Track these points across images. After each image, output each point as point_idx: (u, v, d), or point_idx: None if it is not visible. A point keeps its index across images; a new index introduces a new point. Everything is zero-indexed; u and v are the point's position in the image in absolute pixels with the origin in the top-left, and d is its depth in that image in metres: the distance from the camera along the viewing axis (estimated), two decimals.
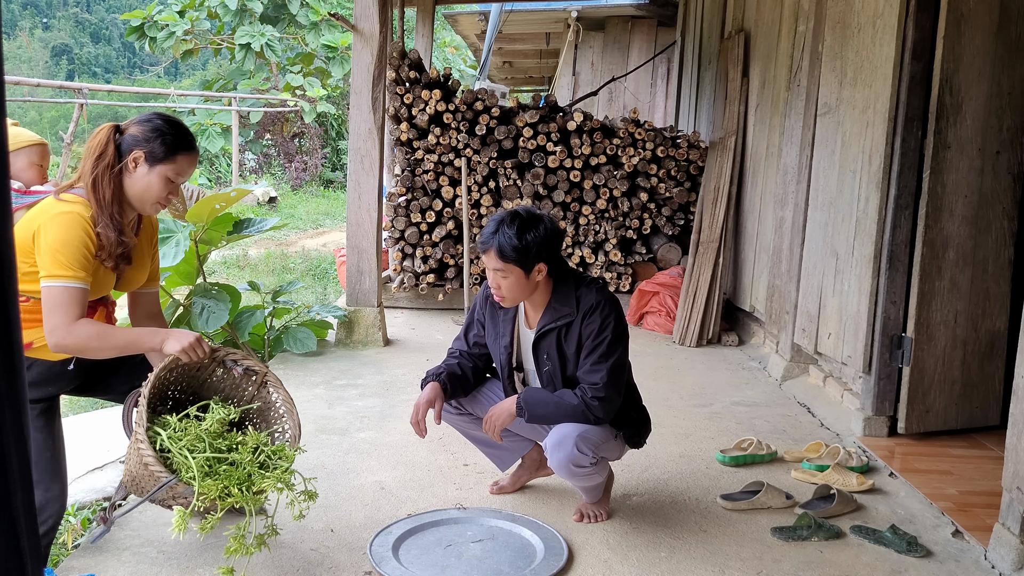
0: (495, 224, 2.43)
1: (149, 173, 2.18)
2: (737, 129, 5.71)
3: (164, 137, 2.17)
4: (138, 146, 2.16)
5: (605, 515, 2.70)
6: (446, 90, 5.98)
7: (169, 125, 2.21)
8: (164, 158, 2.17)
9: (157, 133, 2.17)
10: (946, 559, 2.53)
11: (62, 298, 2.05)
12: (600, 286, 2.54)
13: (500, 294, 2.47)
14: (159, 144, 2.17)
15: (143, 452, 2.03)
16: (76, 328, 2.05)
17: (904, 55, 3.39)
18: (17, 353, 0.60)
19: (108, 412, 3.73)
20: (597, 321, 2.44)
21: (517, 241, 2.37)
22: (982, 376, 3.53)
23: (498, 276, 2.43)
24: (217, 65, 21.25)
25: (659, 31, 9.44)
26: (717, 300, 5.52)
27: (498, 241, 2.39)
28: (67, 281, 2.05)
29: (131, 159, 2.16)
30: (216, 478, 2.04)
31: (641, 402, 2.69)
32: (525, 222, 2.41)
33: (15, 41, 34.55)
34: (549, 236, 2.43)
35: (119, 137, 2.19)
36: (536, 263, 2.42)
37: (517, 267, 2.40)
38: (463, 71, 20.18)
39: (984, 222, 3.41)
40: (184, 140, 2.22)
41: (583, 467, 2.45)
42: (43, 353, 2.16)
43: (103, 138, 2.18)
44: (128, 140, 2.18)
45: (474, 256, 6.06)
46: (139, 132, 2.18)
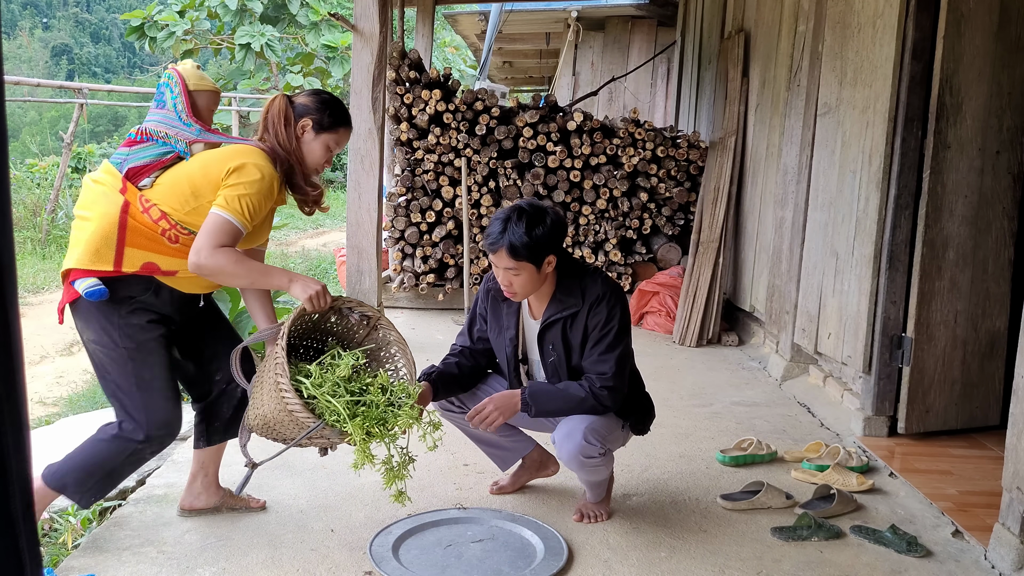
0: (501, 223, 2.38)
1: (314, 140, 2.39)
2: (737, 129, 5.71)
3: (332, 109, 2.40)
4: (308, 115, 2.38)
5: (605, 515, 2.70)
6: (446, 90, 5.98)
7: (334, 100, 2.44)
8: (329, 128, 2.40)
9: (325, 105, 2.40)
10: (946, 559, 2.53)
11: (221, 227, 2.21)
12: (604, 276, 2.54)
13: (512, 291, 2.45)
14: (327, 115, 2.39)
15: (288, 400, 2.14)
16: (218, 252, 2.20)
17: (904, 55, 3.39)
18: (16, 353, 0.60)
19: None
20: (604, 312, 2.44)
21: (527, 238, 2.34)
22: (982, 376, 3.53)
23: (509, 274, 2.40)
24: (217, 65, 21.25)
25: (659, 31, 9.44)
26: (717, 300, 5.52)
27: (508, 240, 2.35)
28: (234, 217, 2.22)
29: (299, 125, 2.38)
30: (356, 420, 2.16)
31: (644, 389, 2.70)
32: (532, 216, 2.38)
33: (15, 41, 34.56)
34: (556, 227, 2.41)
35: (292, 104, 2.39)
36: (546, 256, 2.40)
37: (529, 263, 2.37)
38: (463, 71, 20.18)
39: (984, 222, 3.41)
40: (346, 115, 2.46)
41: (592, 458, 2.46)
42: (180, 283, 2.33)
43: (283, 104, 2.38)
44: (299, 108, 2.39)
45: (474, 256, 6.06)
46: (309, 102, 2.40)
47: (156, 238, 2.27)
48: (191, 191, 2.27)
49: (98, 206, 2.28)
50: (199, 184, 2.27)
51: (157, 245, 2.27)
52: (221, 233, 2.21)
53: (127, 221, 2.25)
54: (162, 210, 2.26)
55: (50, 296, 7.32)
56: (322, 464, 3.10)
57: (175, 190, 2.28)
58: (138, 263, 2.25)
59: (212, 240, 2.20)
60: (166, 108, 2.37)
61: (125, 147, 2.36)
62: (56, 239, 9.69)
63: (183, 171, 2.31)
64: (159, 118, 2.36)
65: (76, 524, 2.62)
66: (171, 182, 2.30)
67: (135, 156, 2.33)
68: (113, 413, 2.36)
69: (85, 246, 2.24)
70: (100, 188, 2.30)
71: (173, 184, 2.29)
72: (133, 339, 2.28)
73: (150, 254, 2.27)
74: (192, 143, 2.34)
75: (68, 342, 5.77)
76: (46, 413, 4.11)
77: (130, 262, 2.25)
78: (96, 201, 2.29)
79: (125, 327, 2.27)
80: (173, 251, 2.29)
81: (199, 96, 2.43)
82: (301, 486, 2.90)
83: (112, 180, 2.31)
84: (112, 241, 2.23)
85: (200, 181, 2.27)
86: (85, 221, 2.29)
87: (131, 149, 2.34)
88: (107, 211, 2.25)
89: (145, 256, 2.26)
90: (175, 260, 2.29)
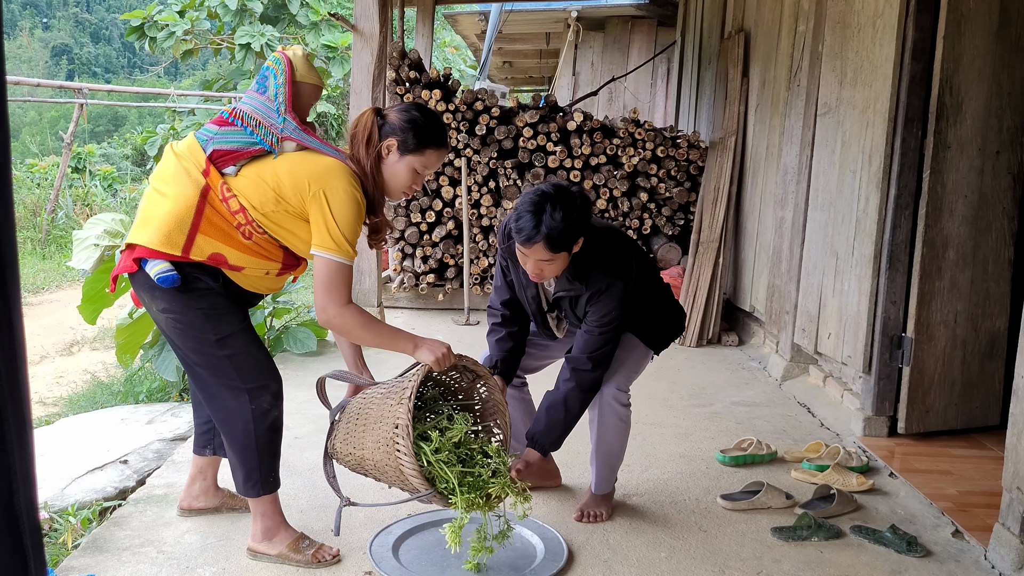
0: (533, 214, 2.26)
1: (399, 162, 2.25)
2: (737, 129, 5.71)
3: (417, 129, 2.24)
4: (393, 135, 2.23)
5: (606, 515, 2.70)
6: (446, 90, 5.98)
7: (425, 117, 2.26)
8: (414, 150, 2.24)
9: (412, 124, 2.23)
10: (946, 559, 2.53)
11: (341, 276, 2.16)
12: (610, 262, 2.46)
13: (540, 277, 2.40)
14: (412, 136, 2.23)
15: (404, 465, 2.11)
16: (347, 311, 2.16)
17: (904, 55, 3.39)
18: (19, 352, 0.60)
19: (107, 412, 3.73)
20: (600, 308, 2.46)
21: (566, 229, 2.25)
22: (982, 376, 3.53)
23: (542, 264, 2.33)
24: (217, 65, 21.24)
25: (659, 31, 9.44)
26: (717, 300, 5.52)
27: (545, 232, 2.24)
28: (343, 258, 2.15)
29: (384, 146, 2.23)
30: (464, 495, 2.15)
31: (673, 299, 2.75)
32: (565, 203, 2.27)
33: (15, 41, 34.54)
34: (586, 206, 2.35)
35: (380, 121, 2.26)
36: (578, 239, 2.34)
37: (564, 252, 2.32)
38: (463, 71, 20.16)
39: (984, 222, 3.42)
40: (435, 135, 2.27)
41: (625, 405, 2.60)
42: (243, 280, 2.26)
43: (368, 122, 2.24)
44: (387, 127, 2.25)
45: (474, 256, 6.07)
46: (396, 121, 2.24)
47: (230, 230, 2.18)
48: (275, 194, 2.17)
49: (177, 184, 2.17)
50: (285, 189, 2.17)
51: (229, 238, 2.18)
52: (339, 283, 2.15)
53: (204, 207, 2.15)
54: (242, 203, 2.17)
55: (50, 296, 7.32)
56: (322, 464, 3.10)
57: (259, 187, 2.17)
58: (206, 252, 2.16)
59: (336, 296, 2.15)
60: (267, 95, 2.23)
61: (214, 125, 2.24)
62: (56, 239, 9.69)
63: (270, 169, 2.19)
64: (257, 104, 2.23)
65: (76, 524, 2.61)
66: (256, 177, 2.18)
67: (222, 138, 2.20)
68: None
69: (158, 227, 2.14)
70: (182, 165, 2.19)
71: (258, 180, 2.18)
72: (205, 299, 2.19)
73: (220, 245, 2.17)
74: (283, 139, 2.21)
75: (68, 342, 5.77)
76: (46, 413, 4.11)
77: (199, 250, 2.15)
78: (176, 178, 2.18)
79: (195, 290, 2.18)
80: (244, 247, 2.20)
81: (302, 88, 2.29)
82: (301, 486, 2.90)
83: (195, 158, 2.20)
84: (185, 226, 2.13)
85: (287, 186, 2.16)
86: (162, 196, 2.18)
87: (220, 129, 2.22)
88: (185, 192, 2.15)
89: (215, 246, 2.16)
90: (244, 256, 2.21)
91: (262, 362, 2.29)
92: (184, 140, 2.27)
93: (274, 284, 2.38)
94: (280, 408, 2.34)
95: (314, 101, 2.36)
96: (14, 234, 0.61)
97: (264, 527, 2.37)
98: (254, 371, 2.26)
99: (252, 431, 2.26)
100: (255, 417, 2.26)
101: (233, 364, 2.23)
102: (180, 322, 2.20)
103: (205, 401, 2.30)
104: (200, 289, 2.19)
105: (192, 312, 2.18)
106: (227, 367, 2.23)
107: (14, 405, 0.59)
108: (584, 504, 2.72)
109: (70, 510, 2.67)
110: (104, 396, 4.19)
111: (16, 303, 0.60)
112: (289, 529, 2.40)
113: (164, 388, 4.19)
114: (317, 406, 3.79)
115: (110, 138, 22.22)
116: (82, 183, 12.38)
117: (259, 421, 2.27)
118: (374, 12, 4.78)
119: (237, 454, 2.29)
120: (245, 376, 2.24)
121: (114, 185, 13.91)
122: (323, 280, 2.15)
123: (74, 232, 4.26)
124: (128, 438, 3.33)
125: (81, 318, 3.96)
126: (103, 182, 13.55)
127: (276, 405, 2.32)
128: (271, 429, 2.31)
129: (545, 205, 2.26)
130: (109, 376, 4.74)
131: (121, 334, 3.86)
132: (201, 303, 2.19)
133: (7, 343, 0.59)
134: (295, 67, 2.27)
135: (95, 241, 4.10)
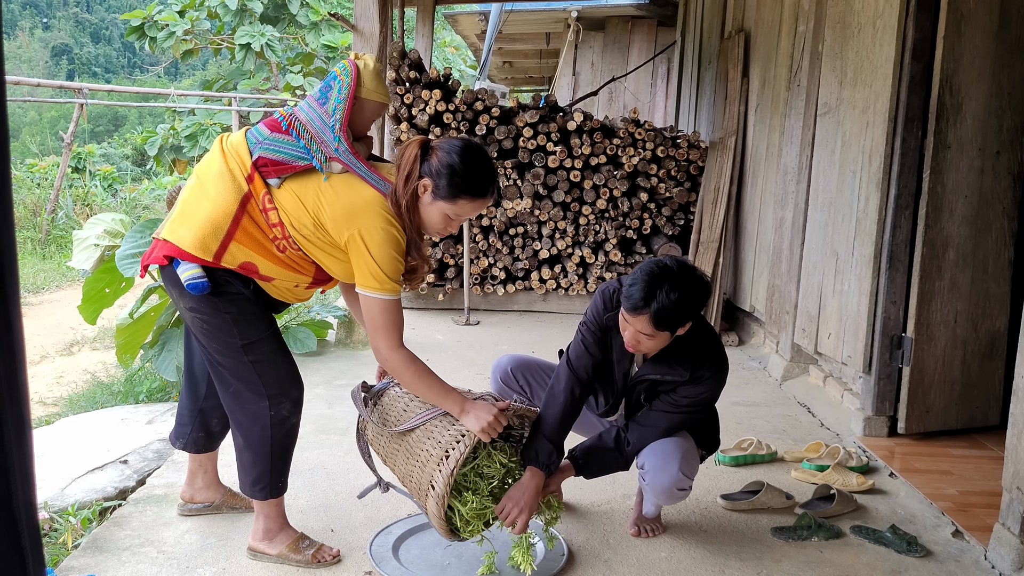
0: (647, 286, 2.13)
1: (431, 204, 2.16)
2: (737, 129, 5.71)
3: (453, 178, 2.13)
4: (430, 176, 2.14)
5: (662, 529, 2.63)
6: (446, 90, 5.98)
7: (464, 165, 2.14)
8: (446, 196, 2.15)
9: (448, 170, 2.13)
10: (946, 559, 2.53)
11: (390, 315, 2.16)
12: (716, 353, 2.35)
13: (637, 349, 2.25)
14: (445, 182, 2.14)
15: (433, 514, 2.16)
16: (398, 355, 2.17)
17: (904, 55, 3.39)
18: (18, 352, 0.60)
19: (107, 412, 3.73)
20: (696, 391, 2.33)
21: (676, 308, 2.12)
22: (982, 376, 3.53)
23: (642, 336, 2.19)
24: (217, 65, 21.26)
25: (659, 31, 9.45)
26: (717, 300, 5.52)
27: (656, 309, 2.11)
28: (393, 295, 2.15)
29: (421, 184, 2.15)
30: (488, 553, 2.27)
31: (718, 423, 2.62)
32: (686, 284, 2.14)
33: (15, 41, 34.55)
34: (703, 293, 2.20)
35: (424, 156, 2.17)
36: (685, 323, 2.21)
37: (668, 332, 2.19)
38: (463, 71, 20.17)
39: (984, 222, 3.42)
40: (471, 185, 2.15)
41: (684, 490, 2.41)
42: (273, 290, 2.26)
43: (410, 157, 2.15)
44: (426, 166, 2.15)
45: (474, 256, 6.07)
46: (437, 162, 2.15)
47: (264, 241, 2.15)
48: (314, 219, 2.13)
49: (220, 185, 2.13)
50: (324, 221, 2.13)
51: (263, 248, 2.15)
52: (389, 322, 2.15)
53: (241, 217, 2.12)
54: (281, 218, 2.13)
55: (50, 296, 7.32)
56: (322, 464, 3.10)
57: (300, 209, 2.13)
58: (238, 260, 2.14)
59: (387, 336, 2.15)
60: (326, 107, 2.16)
61: (267, 128, 2.18)
62: (56, 239, 9.69)
63: (313, 193, 2.13)
64: (314, 115, 2.17)
65: (76, 524, 2.61)
66: (299, 194, 2.13)
67: (271, 146, 2.15)
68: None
69: (195, 229, 2.11)
70: (227, 165, 2.15)
71: (301, 198, 2.13)
72: (234, 303, 2.17)
73: (253, 255, 2.14)
74: (332, 159, 2.15)
75: (68, 342, 5.77)
76: (46, 413, 4.11)
77: (231, 257, 2.13)
78: (221, 178, 2.14)
79: (224, 294, 2.17)
80: (276, 259, 2.17)
81: (366, 104, 2.23)
82: (301, 486, 2.90)
83: (242, 161, 2.15)
84: (221, 233, 2.10)
85: (326, 219, 2.12)
86: (202, 195, 2.15)
87: (270, 135, 2.16)
88: (226, 197, 2.11)
89: (248, 255, 2.14)
90: (276, 267, 2.19)
91: (285, 369, 2.30)
92: (234, 136, 2.23)
93: (302, 295, 2.37)
94: (298, 416, 2.35)
95: (377, 118, 2.30)
96: (14, 234, 0.61)
97: (266, 527, 2.37)
98: (277, 378, 2.26)
99: (268, 437, 2.27)
100: (273, 423, 2.26)
101: (257, 370, 2.23)
102: (208, 323, 2.19)
103: (225, 398, 2.29)
104: (230, 293, 2.18)
105: (220, 316, 2.17)
106: (251, 372, 2.23)
107: (13, 405, 0.59)
108: (639, 519, 2.62)
109: (70, 510, 2.67)
110: (104, 396, 4.18)
111: (16, 303, 0.60)
112: (290, 529, 2.40)
113: (164, 388, 4.19)
114: (316, 406, 3.80)
115: (110, 138, 22.23)
116: (82, 183, 12.38)
117: (277, 427, 2.27)
118: (374, 12, 4.78)
119: (250, 456, 2.29)
120: (268, 382, 2.24)
121: (114, 185, 13.92)
122: (372, 320, 2.15)
123: (74, 232, 4.26)
124: (128, 438, 3.33)
125: (81, 318, 3.96)
126: (103, 182, 13.56)
127: (295, 413, 2.32)
128: (287, 436, 2.32)
129: (664, 280, 2.13)
130: (109, 376, 4.74)
131: (121, 334, 3.86)
132: (230, 307, 2.18)
133: (6, 343, 0.59)
134: (362, 81, 2.20)
135: (95, 241, 4.11)
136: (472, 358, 4.83)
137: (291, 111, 2.21)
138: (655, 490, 2.40)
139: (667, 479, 2.34)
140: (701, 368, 2.30)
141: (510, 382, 2.63)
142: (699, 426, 2.51)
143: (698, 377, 2.31)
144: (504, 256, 6.11)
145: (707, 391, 2.36)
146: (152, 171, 16.83)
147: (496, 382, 2.65)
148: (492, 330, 5.68)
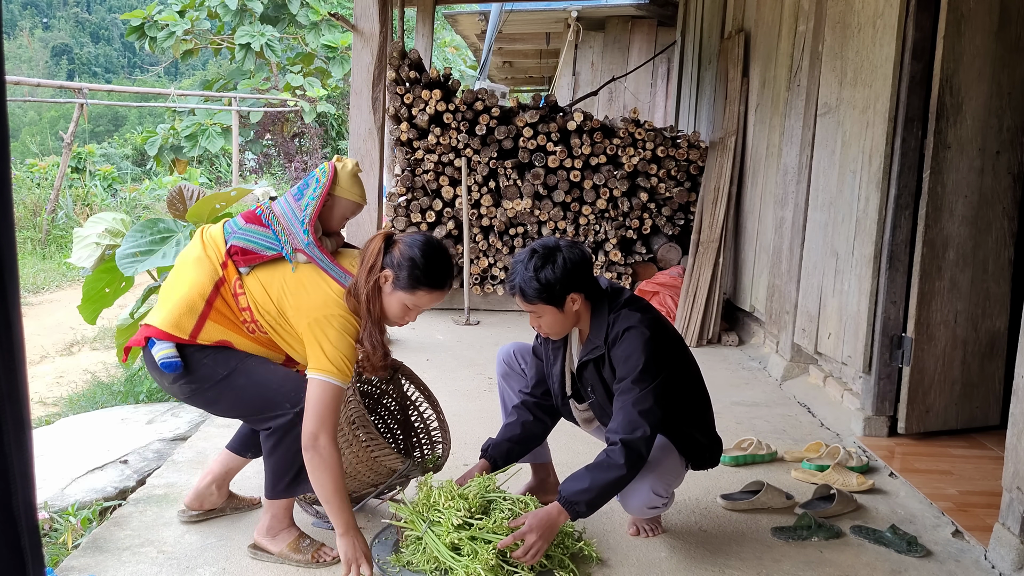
0: (514, 264, 2.34)
1: (391, 294, 2.27)
2: (737, 129, 5.71)
3: (413, 270, 2.24)
4: (391, 267, 2.26)
5: (660, 529, 2.64)
6: (446, 90, 5.98)
7: (425, 258, 2.25)
8: (405, 287, 2.26)
9: (408, 263, 2.24)
10: (946, 559, 2.53)
11: (336, 403, 2.18)
12: (631, 309, 2.37)
13: (543, 332, 2.41)
14: (406, 273, 2.25)
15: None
16: (332, 448, 2.18)
17: (904, 55, 3.39)
18: (18, 352, 0.60)
19: (107, 412, 3.73)
20: (622, 354, 2.31)
21: (536, 281, 2.27)
22: (982, 376, 3.53)
23: (533, 316, 2.37)
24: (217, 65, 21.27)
25: (659, 31, 9.45)
26: (717, 300, 5.52)
27: (519, 284, 2.30)
28: (343, 382, 2.19)
29: (383, 275, 2.26)
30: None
31: (713, 424, 2.58)
32: (542, 258, 2.30)
33: (15, 41, 34.56)
34: (570, 265, 2.29)
35: (387, 249, 2.28)
36: (565, 295, 2.31)
37: (546, 305, 2.30)
38: (463, 71, 20.18)
39: (984, 222, 3.41)
40: (429, 278, 2.26)
41: (656, 508, 2.47)
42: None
43: (374, 250, 2.27)
44: (388, 258, 2.27)
45: (474, 256, 6.07)
46: (398, 253, 2.26)
47: (237, 322, 2.29)
48: (277, 308, 2.27)
49: (196, 270, 2.29)
50: (286, 306, 2.26)
51: (236, 328, 2.29)
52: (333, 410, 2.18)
53: (215, 298, 2.27)
54: (249, 302, 2.28)
55: (50, 296, 7.33)
56: None
57: (265, 294, 2.27)
58: (214, 338, 2.27)
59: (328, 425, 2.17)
60: (300, 202, 2.34)
61: (243, 220, 2.34)
62: (56, 239, 9.70)
63: (279, 281, 2.28)
64: (288, 209, 2.34)
65: (76, 524, 2.61)
66: (265, 283, 2.28)
67: (243, 235, 2.31)
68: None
69: (170, 310, 2.25)
70: (206, 253, 2.31)
71: (266, 287, 2.28)
72: (224, 364, 2.28)
73: (228, 333, 2.28)
74: (297, 251, 2.29)
75: (68, 342, 5.77)
76: (46, 413, 4.11)
77: (207, 335, 2.26)
78: (198, 264, 2.30)
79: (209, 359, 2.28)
80: (250, 338, 2.31)
81: (339, 201, 2.39)
82: None
83: (218, 249, 2.32)
84: (196, 313, 2.25)
85: (289, 304, 2.25)
86: (181, 280, 2.30)
87: (244, 226, 2.33)
88: (201, 280, 2.27)
89: (223, 333, 2.28)
90: (251, 345, 2.32)
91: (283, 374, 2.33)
92: (214, 228, 2.39)
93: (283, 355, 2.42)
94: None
95: (351, 216, 2.44)
96: (14, 234, 0.61)
97: (271, 523, 2.39)
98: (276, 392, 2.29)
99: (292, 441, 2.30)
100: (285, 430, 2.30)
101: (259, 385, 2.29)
102: (192, 382, 2.28)
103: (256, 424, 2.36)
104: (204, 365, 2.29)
105: (200, 369, 2.27)
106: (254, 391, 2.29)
107: (12, 406, 0.59)
108: (638, 519, 2.63)
109: (70, 510, 2.67)
110: (104, 396, 4.18)
111: (16, 303, 0.60)
112: (293, 528, 2.41)
113: None
114: None
115: (110, 138, 22.23)
116: (82, 183, 12.39)
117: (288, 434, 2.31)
118: (374, 12, 4.78)
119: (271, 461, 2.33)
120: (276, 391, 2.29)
121: (114, 185, 13.92)
122: (317, 405, 2.17)
123: (75, 229, 4.26)
124: (128, 438, 3.33)
125: (81, 318, 3.96)
126: (103, 182, 13.57)
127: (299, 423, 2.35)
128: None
129: (527, 259, 2.31)
130: (109, 376, 4.74)
131: (121, 334, 3.86)
132: (204, 358, 2.27)
133: (6, 343, 0.59)
134: (338, 180, 2.38)
135: (96, 239, 4.11)
136: (472, 358, 4.84)
137: (268, 204, 2.36)
138: (627, 508, 2.50)
139: (637, 501, 2.43)
140: (614, 328, 2.35)
141: (512, 363, 2.77)
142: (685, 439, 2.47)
143: (614, 338, 2.34)
144: (504, 256, 6.11)
145: (633, 351, 2.29)
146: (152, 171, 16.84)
147: (501, 364, 2.79)
148: (492, 330, 5.68)
